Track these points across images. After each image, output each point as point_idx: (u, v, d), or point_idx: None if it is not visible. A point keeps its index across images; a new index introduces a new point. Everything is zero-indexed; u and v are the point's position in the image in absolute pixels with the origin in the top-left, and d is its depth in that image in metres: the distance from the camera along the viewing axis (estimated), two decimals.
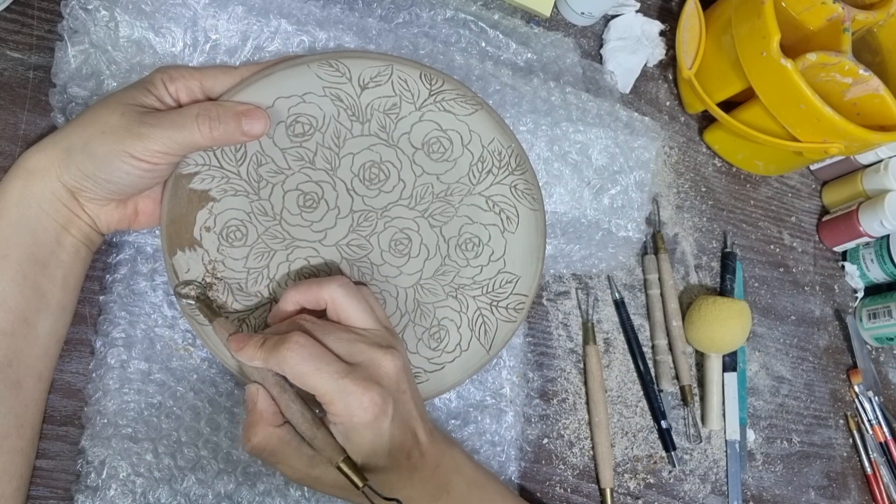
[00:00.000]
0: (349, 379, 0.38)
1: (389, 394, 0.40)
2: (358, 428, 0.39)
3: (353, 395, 0.38)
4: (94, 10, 0.42)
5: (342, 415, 0.38)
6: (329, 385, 0.38)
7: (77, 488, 0.43)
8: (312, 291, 0.42)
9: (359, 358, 0.40)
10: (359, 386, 0.38)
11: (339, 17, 0.49)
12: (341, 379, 0.38)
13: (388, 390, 0.40)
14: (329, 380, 0.38)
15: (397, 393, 0.41)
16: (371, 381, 0.39)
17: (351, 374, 0.38)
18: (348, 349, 0.40)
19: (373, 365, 0.40)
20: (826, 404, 0.71)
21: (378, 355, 0.40)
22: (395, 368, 0.40)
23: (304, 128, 0.45)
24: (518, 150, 0.48)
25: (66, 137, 0.39)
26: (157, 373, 0.45)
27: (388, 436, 0.40)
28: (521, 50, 0.58)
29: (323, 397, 0.38)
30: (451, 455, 0.45)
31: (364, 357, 0.40)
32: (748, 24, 0.58)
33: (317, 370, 0.38)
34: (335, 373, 0.38)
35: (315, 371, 0.38)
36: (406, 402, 0.41)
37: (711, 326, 0.61)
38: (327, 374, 0.38)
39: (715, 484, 0.63)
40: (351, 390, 0.38)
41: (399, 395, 0.41)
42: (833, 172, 0.75)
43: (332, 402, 0.38)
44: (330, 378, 0.38)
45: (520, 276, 0.50)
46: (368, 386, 0.39)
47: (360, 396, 0.38)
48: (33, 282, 0.40)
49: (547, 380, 0.58)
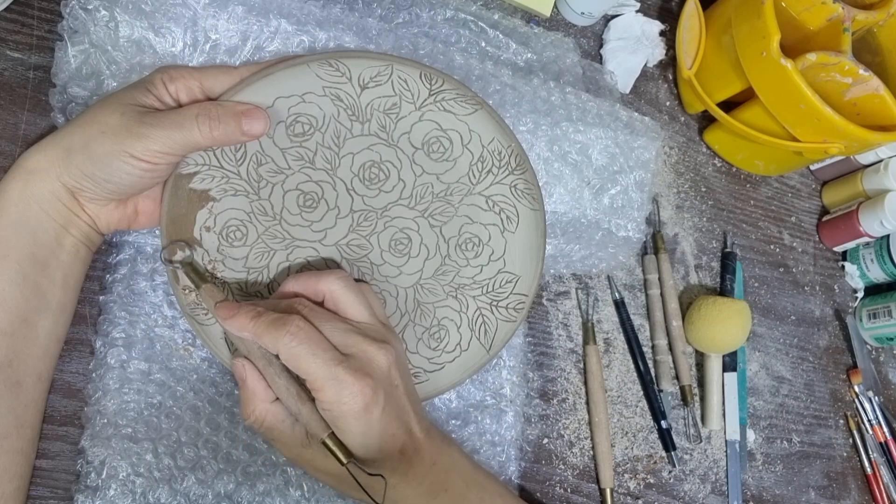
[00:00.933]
0: (342, 367, 0.38)
1: (381, 386, 0.40)
2: (346, 416, 0.39)
3: (345, 383, 0.38)
4: (94, 10, 0.42)
5: (332, 402, 0.39)
6: (322, 371, 0.38)
7: (77, 488, 0.43)
8: (311, 282, 0.42)
9: (352, 349, 0.40)
10: (351, 375, 0.38)
11: (339, 17, 0.49)
12: (335, 366, 0.38)
13: (378, 382, 0.40)
14: (323, 366, 0.38)
15: (389, 387, 0.41)
16: (363, 371, 0.39)
17: (344, 362, 0.39)
18: (343, 339, 0.40)
19: (365, 357, 0.40)
20: (826, 404, 0.71)
21: (371, 348, 0.40)
22: (387, 362, 0.41)
23: (304, 128, 0.45)
24: (518, 149, 0.48)
25: (65, 137, 0.39)
26: (157, 373, 0.45)
27: (378, 428, 0.40)
28: (521, 50, 0.58)
29: (314, 383, 0.39)
30: (449, 454, 0.45)
31: (357, 349, 0.40)
32: (748, 24, 0.58)
33: (312, 355, 0.38)
34: (330, 360, 0.38)
35: (311, 355, 0.38)
36: (399, 397, 0.42)
37: (711, 326, 0.61)
38: (322, 360, 0.38)
39: (715, 484, 0.63)
40: (343, 378, 0.38)
41: (391, 389, 0.41)
42: (833, 172, 0.75)
43: (323, 389, 0.38)
44: (324, 364, 0.38)
45: (520, 276, 0.50)
46: (360, 376, 0.39)
47: (350, 385, 0.38)
48: (33, 282, 0.40)
49: (547, 380, 0.58)
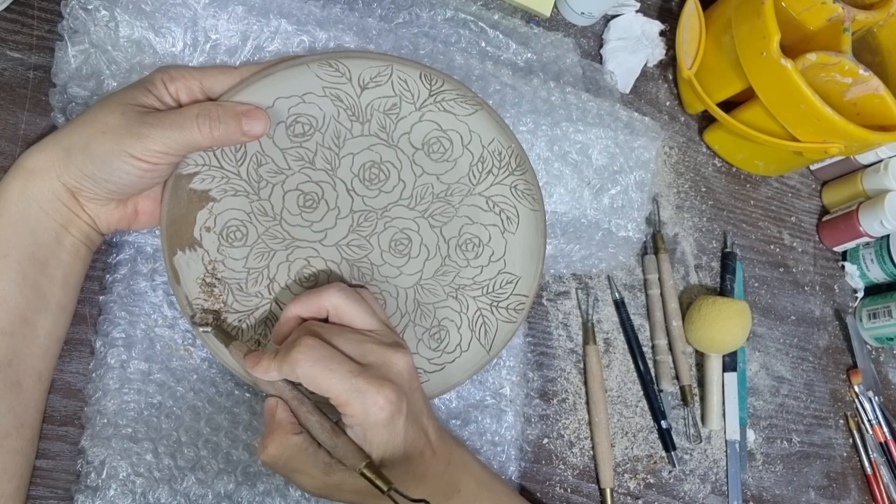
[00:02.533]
0: (362, 378, 0.38)
1: (403, 391, 0.39)
2: (376, 427, 0.38)
3: (368, 393, 0.38)
4: (94, 10, 0.42)
5: (358, 415, 0.38)
6: (342, 385, 0.37)
7: (77, 488, 0.43)
8: (312, 301, 0.42)
9: (370, 358, 0.39)
10: (373, 385, 0.38)
11: (339, 17, 0.49)
12: (354, 378, 0.38)
13: (401, 388, 0.39)
14: (342, 380, 0.37)
15: (410, 391, 0.40)
16: (384, 379, 0.39)
17: (364, 373, 0.38)
18: (359, 350, 0.40)
19: (386, 364, 0.40)
20: (826, 404, 0.71)
21: (389, 353, 0.40)
22: (406, 366, 0.40)
23: (304, 128, 0.45)
24: (518, 150, 0.48)
25: (66, 137, 0.39)
26: (157, 373, 0.45)
27: (402, 434, 0.39)
28: (521, 50, 0.58)
29: (337, 398, 0.38)
30: (460, 454, 0.45)
31: (375, 357, 0.40)
32: (748, 24, 0.58)
33: (329, 371, 0.37)
34: (348, 372, 0.38)
35: (328, 372, 0.37)
36: (417, 401, 0.41)
37: (711, 326, 0.61)
38: (340, 374, 0.37)
39: (715, 484, 0.63)
40: (365, 389, 0.38)
41: (412, 392, 0.41)
42: (833, 172, 0.75)
43: (348, 403, 0.38)
44: (343, 378, 0.37)
45: (520, 277, 0.50)
46: (382, 384, 0.38)
47: (374, 395, 0.38)
48: (33, 281, 0.40)
49: (547, 380, 0.58)
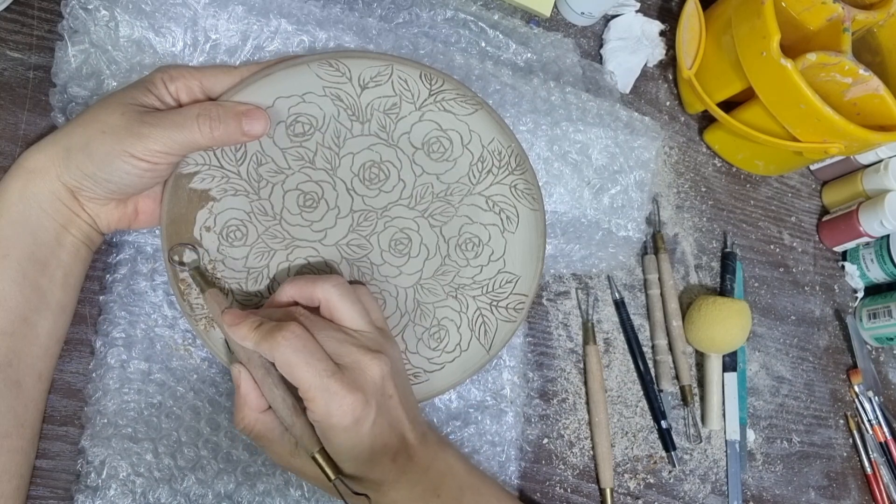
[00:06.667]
0: (334, 379, 0.38)
1: (373, 399, 0.40)
2: (336, 429, 0.39)
3: (335, 396, 0.38)
4: (94, 10, 0.42)
5: (321, 413, 0.39)
6: (315, 381, 0.38)
7: (77, 488, 0.43)
8: (307, 288, 0.42)
9: (346, 359, 0.40)
10: (342, 388, 0.38)
11: (339, 17, 0.49)
12: (327, 378, 0.38)
13: (370, 396, 0.40)
14: (315, 375, 0.38)
15: (382, 398, 0.41)
16: (355, 385, 0.39)
17: (337, 374, 0.39)
18: (337, 349, 0.40)
19: (358, 368, 0.40)
20: (826, 404, 0.71)
21: (365, 359, 0.40)
22: (380, 374, 0.40)
23: (304, 128, 0.45)
24: (518, 149, 0.48)
25: (66, 137, 0.39)
26: (157, 373, 0.45)
27: (368, 440, 0.40)
28: (521, 50, 0.58)
29: (306, 392, 0.38)
30: (444, 458, 0.45)
31: (350, 359, 0.40)
32: (748, 24, 0.58)
33: (306, 363, 0.38)
34: (323, 370, 0.38)
35: (304, 364, 0.38)
36: (392, 408, 0.41)
37: (711, 326, 0.61)
38: (315, 370, 0.38)
39: (715, 484, 0.63)
40: (334, 390, 0.38)
41: (384, 399, 0.41)
42: (833, 172, 0.75)
43: (314, 400, 0.38)
44: (317, 374, 0.38)
45: (520, 276, 0.50)
46: (351, 390, 0.39)
47: (340, 399, 0.38)
48: (33, 281, 0.40)
49: (547, 380, 0.58)
